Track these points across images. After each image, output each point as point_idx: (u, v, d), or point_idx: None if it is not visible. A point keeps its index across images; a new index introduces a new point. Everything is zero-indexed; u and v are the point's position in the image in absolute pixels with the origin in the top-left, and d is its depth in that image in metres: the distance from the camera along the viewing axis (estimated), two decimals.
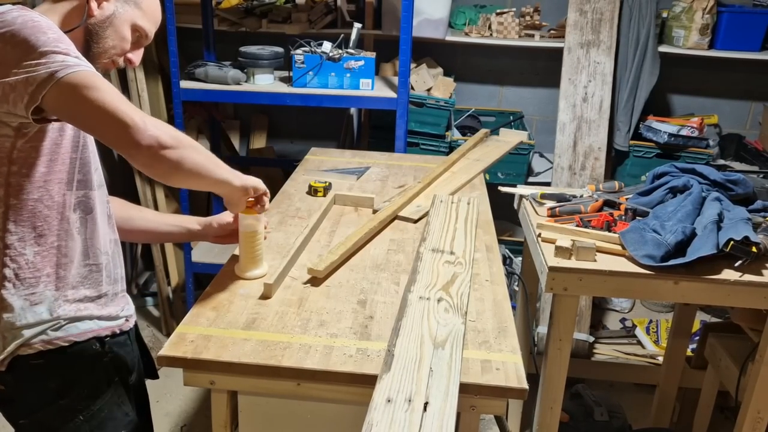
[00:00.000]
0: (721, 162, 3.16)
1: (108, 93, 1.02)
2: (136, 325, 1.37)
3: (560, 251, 1.59)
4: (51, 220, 1.16)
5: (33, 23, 1.04)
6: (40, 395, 1.19)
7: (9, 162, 1.10)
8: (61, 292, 1.18)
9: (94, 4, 1.16)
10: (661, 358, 2.62)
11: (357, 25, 2.64)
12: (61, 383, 1.20)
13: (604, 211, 1.80)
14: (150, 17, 1.23)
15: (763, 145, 3.23)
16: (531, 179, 3.18)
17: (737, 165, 3.15)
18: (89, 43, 1.18)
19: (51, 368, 1.18)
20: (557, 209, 1.81)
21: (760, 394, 1.64)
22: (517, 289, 2.64)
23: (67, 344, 1.18)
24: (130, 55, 1.23)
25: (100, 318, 1.24)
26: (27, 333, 1.15)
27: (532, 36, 3.13)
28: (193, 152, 1.12)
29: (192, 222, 1.52)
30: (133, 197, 2.90)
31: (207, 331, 1.22)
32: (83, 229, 1.21)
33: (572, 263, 1.57)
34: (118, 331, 1.28)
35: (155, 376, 1.45)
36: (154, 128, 1.05)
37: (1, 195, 1.12)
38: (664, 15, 3.10)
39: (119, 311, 1.29)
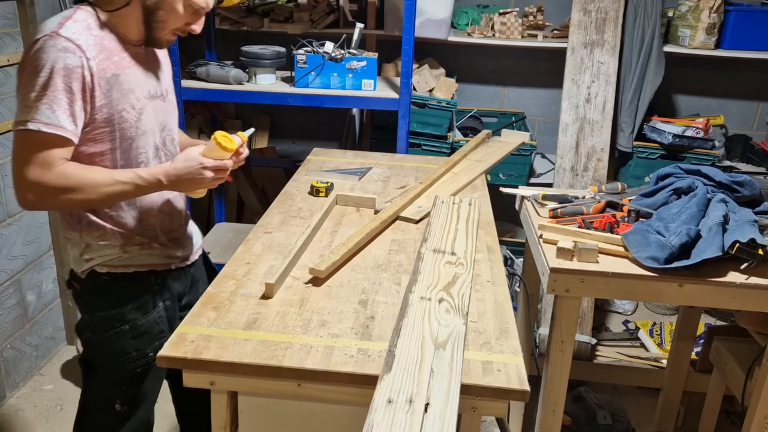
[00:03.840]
0: (727, 163, 3.13)
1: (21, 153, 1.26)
2: (203, 254, 1.70)
3: (562, 252, 1.58)
4: None
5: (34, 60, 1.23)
6: (100, 302, 1.46)
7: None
8: (125, 242, 1.44)
9: None
10: (665, 362, 2.61)
11: (359, 25, 2.63)
12: (116, 298, 1.45)
13: (607, 212, 1.78)
14: None
15: None
16: (533, 180, 3.17)
17: (743, 166, 3.12)
18: (147, 19, 1.34)
19: (113, 285, 1.45)
20: (559, 210, 1.79)
21: (766, 399, 1.63)
22: (518, 290, 2.63)
23: (129, 271, 1.45)
24: (192, 27, 1.39)
25: (159, 256, 1.50)
26: (99, 260, 1.43)
27: (535, 36, 3.12)
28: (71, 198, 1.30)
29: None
30: None
31: (207, 331, 1.21)
32: (131, 204, 1.43)
33: (574, 264, 1.56)
34: (173, 267, 1.54)
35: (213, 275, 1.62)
36: (31, 203, 1.29)
37: None
38: (670, 14, 3.08)
39: (175, 252, 1.54)
